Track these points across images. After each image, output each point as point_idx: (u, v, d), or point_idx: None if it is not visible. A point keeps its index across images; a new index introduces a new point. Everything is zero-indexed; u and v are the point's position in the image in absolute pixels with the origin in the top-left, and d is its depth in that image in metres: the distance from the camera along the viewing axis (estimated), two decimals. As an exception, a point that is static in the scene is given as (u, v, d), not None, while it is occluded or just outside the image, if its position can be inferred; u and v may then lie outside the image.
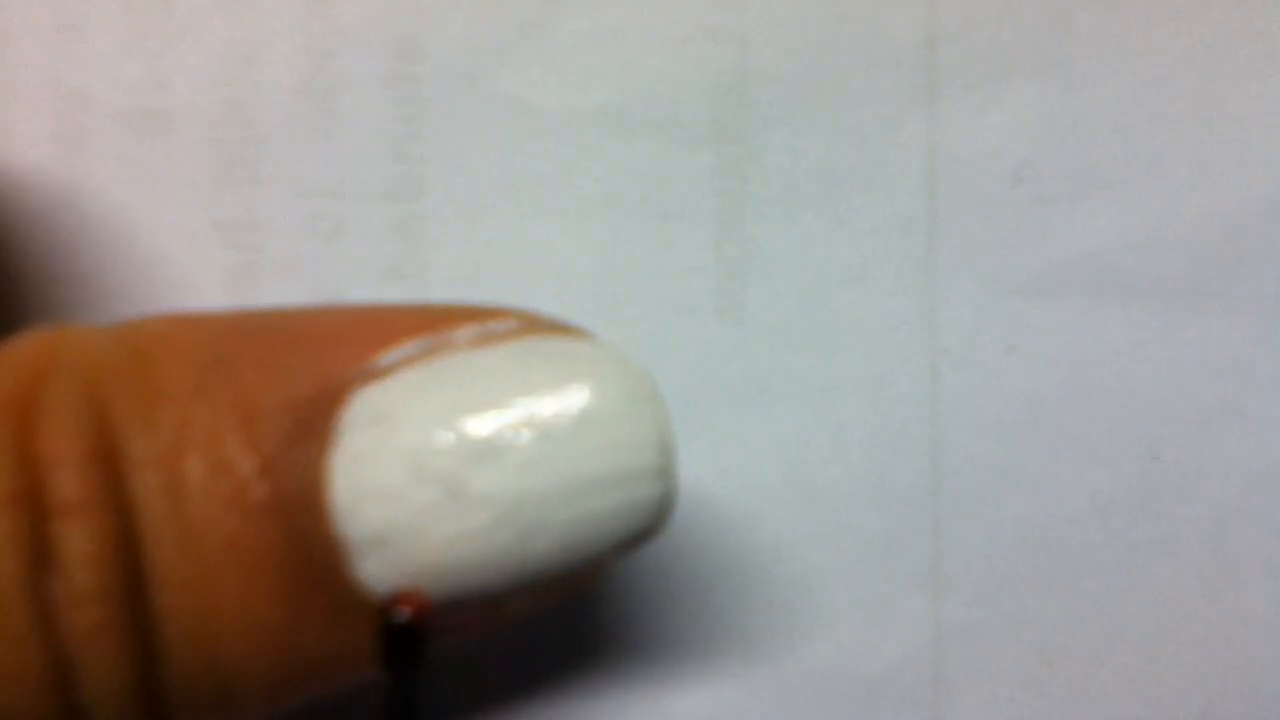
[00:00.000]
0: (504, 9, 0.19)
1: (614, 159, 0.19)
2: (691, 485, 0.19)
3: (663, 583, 0.19)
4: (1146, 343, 0.19)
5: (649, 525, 0.15)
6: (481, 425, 0.14)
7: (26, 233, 0.19)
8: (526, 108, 0.19)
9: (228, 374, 0.14)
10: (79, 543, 0.13)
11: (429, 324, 0.15)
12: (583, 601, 0.19)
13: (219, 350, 0.14)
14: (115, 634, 0.13)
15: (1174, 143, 0.19)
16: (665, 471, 0.15)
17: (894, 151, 0.19)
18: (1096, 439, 0.19)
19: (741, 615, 0.19)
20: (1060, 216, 0.19)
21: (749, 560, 0.19)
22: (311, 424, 0.14)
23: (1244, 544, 0.19)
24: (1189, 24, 0.19)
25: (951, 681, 0.19)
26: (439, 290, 0.19)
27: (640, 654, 0.19)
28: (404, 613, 0.14)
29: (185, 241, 0.19)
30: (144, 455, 0.14)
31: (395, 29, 0.19)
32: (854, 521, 0.19)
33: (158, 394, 0.14)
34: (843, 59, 0.19)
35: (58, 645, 0.13)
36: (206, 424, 0.14)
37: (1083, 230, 0.19)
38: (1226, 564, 0.19)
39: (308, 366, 0.14)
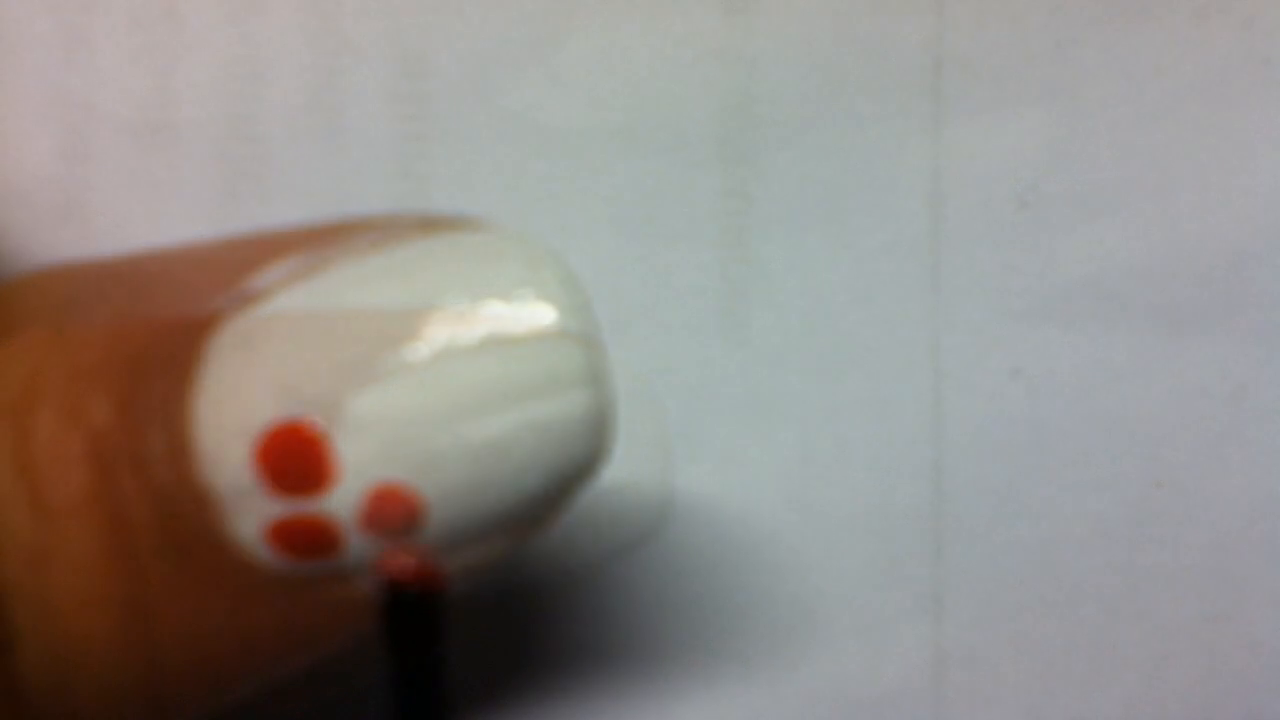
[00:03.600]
0: (511, 26, 0.19)
1: (620, 178, 0.19)
2: (693, 505, 0.19)
3: (661, 602, 0.19)
4: (1151, 368, 0.19)
5: (582, 448, 0.12)
6: (360, 338, 0.12)
7: (31, 245, 0.19)
8: (533, 126, 0.19)
9: (86, 312, 0.12)
10: None
11: (312, 239, 0.13)
12: (577, 620, 0.19)
13: (82, 289, 0.13)
14: None
15: (1179, 168, 0.19)
16: (594, 376, 0.12)
17: (900, 174, 0.19)
18: (1100, 464, 0.19)
19: (741, 636, 0.19)
20: (1065, 240, 0.19)
21: (749, 581, 0.19)
22: (175, 359, 0.12)
23: (1247, 571, 0.19)
24: (1194, 50, 0.19)
25: (952, 705, 0.19)
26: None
27: (638, 674, 0.19)
28: (406, 564, 0.12)
29: (190, 256, 0.19)
30: None
31: (402, 45, 0.19)
32: (855, 543, 0.19)
33: (10, 339, 0.12)
34: (849, 82, 0.19)
35: None
36: (60, 368, 0.12)
37: (1088, 254, 0.19)
38: (1229, 591, 0.19)
39: (175, 296, 0.12)
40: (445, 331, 0.12)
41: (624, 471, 0.18)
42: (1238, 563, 0.19)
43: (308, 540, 0.12)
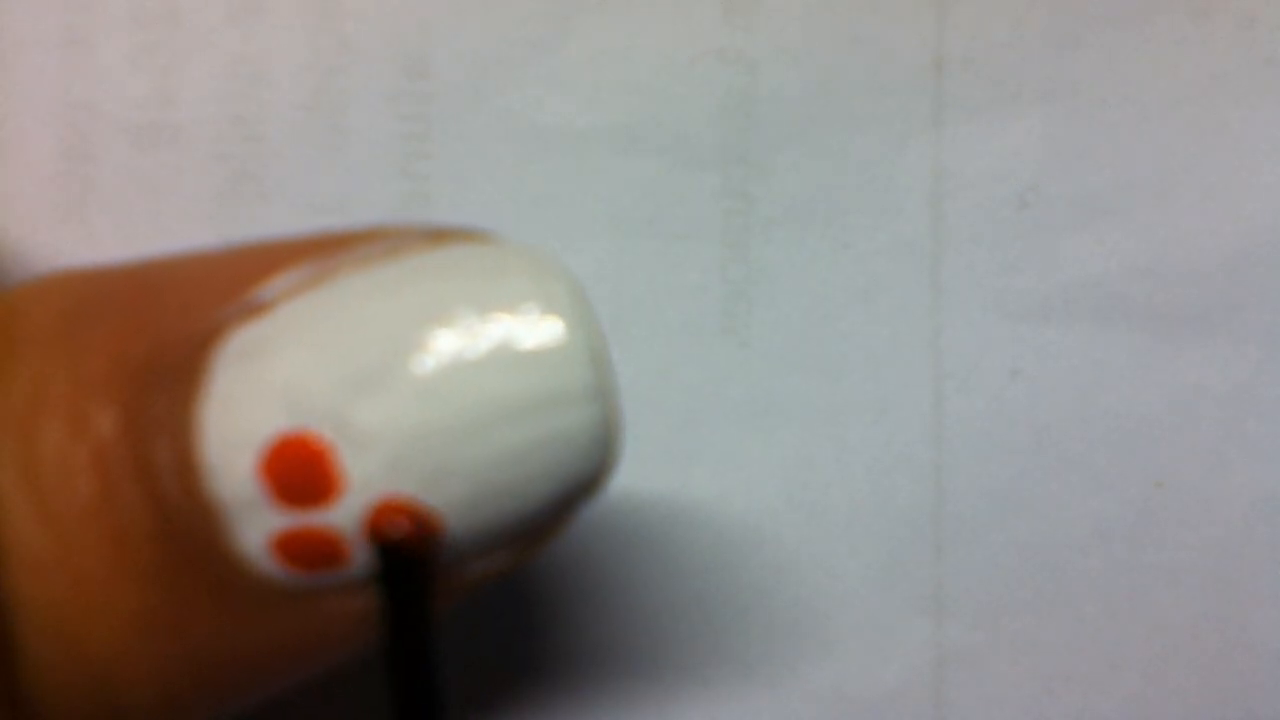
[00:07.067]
0: (512, 27, 0.19)
1: (621, 178, 0.19)
2: (693, 506, 0.19)
3: (662, 604, 0.19)
4: (1151, 368, 0.19)
5: (588, 462, 0.12)
6: (367, 349, 0.12)
7: (32, 246, 0.19)
8: (533, 126, 0.19)
9: (92, 321, 0.12)
10: None
11: (319, 249, 0.13)
12: (577, 620, 0.19)
13: (89, 297, 0.12)
14: None
15: (1179, 169, 0.19)
16: (601, 391, 0.12)
17: (900, 174, 0.19)
18: (1100, 464, 0.19)
19: (742, 637, 0.19)
20: (1065, 241, 0.19)
21: (750, 582, 0.19)
22: (181, 370, 0.12)
23: (1247, 571, 0.19)
24: (1195, 51, 0.19)
25: (953, 706, 0.19)
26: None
27: (639, 675, 0.19)
28: (400, 524, 0.12)
29: (190, 256, 0.19)
30: None
31: (403, 46, 0.19)
32: (856, 544, 0.19)
33: (16, 348, 0.12)
34: (850, 82, 0.19)
35: None
36: (66, 377, 0.12)
37: (1088, 255, 0.19)
38: (1230, 591, 0.19)
39: (182, 306, 0.12)
40: (453, 344, 0.12)
41: (628, 480, 0.18)
42: (1238, 563, 0.19)
43: (313, 552, 0.12)
